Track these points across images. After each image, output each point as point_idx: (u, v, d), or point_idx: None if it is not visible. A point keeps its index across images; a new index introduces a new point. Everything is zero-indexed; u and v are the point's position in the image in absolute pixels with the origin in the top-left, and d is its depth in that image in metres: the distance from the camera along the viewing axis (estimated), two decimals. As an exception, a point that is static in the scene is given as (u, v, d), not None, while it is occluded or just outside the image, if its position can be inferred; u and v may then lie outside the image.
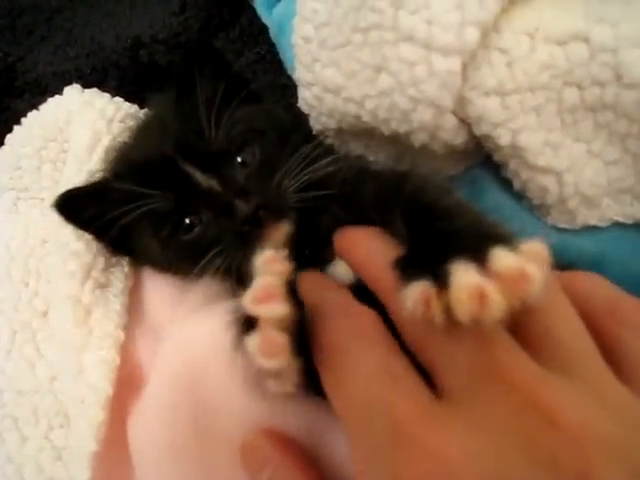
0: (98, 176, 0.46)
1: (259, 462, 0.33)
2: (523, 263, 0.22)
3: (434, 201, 0.32)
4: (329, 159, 0.39)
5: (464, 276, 0.22)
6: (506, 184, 0.46)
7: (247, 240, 0.37)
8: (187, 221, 0.40)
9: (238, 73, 0.47)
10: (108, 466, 0.40)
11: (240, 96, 0.42)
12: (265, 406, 0.36)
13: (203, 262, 0.38)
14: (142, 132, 0.46)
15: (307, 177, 0.38)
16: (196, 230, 0.40)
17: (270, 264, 0.27)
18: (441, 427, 0.22)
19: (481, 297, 0.21)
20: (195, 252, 0.39)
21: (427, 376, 0.26)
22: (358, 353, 0.27)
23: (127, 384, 0.42)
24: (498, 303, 0.22)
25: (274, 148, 0.42)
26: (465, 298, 0.22)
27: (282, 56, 0.60)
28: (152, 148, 0.41)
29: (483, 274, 0.22)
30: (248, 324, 0.27)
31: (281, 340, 0.26)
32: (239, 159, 0.41)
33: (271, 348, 0.25)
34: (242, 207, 0.37)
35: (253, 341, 0.26)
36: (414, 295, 0.23)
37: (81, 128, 0.49)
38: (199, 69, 0.44)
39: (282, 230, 0.38)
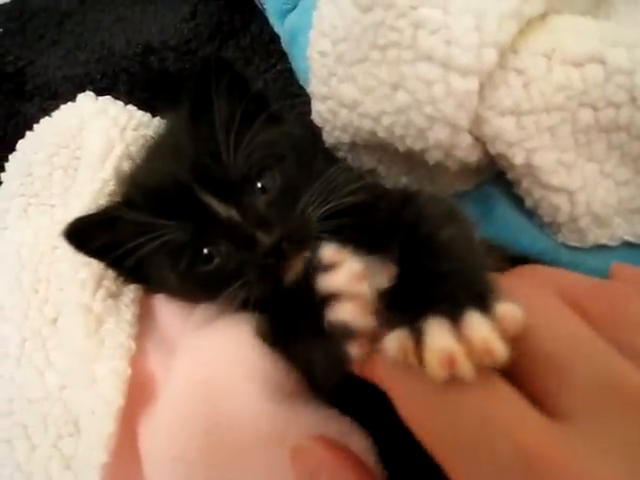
0: (109, 201, 0.45)
1: (313, 467, 0.32)
2: (491, 338, 0.23)
3: (428, 235, 0.31)
4: (352, 187, 0.38)
5: (436, 339, 0.24)
6: (517, 201, 0.46)
7: (269, 272, 0.35)
8: (205, 252, 0.38)
9: (259, 92, 0.45)
10: (118, 477, 0.40)
11: (261, 118, 0.40)
12: (279, 414, 0.36)
13: (225, 294, 0.37)
14: (154, 154, 0.44)
15: (331, 205, 0.37)
16: (215, 261, 0.38)
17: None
18: (575, 454, 0.21)
19: (450, 360, 0.23)
20: (215, 284, 0.37)
21: None
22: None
23: (138, 395, 0.42)
24: (466, 367, 0.23)
25: (295, 173, 0.40)
26: (435, 362, 0.23)
27: (294, 65, 0.60)
28: (166, 174, 0.39)
29: (456, 334, 0.24)
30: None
31: (370, 300, 0.27)
32: (259, 184, 0.38)
33: (366, 307, 0.26)
34: (264, 239, 0.35)
35: (344, 308, 0.26)
36: (394, 344, 0.24)
37: (94, 136, 0.49)
38: (216, 87, 0.41)
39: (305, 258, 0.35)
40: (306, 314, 0.29)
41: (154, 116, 0.55)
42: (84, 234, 0.42)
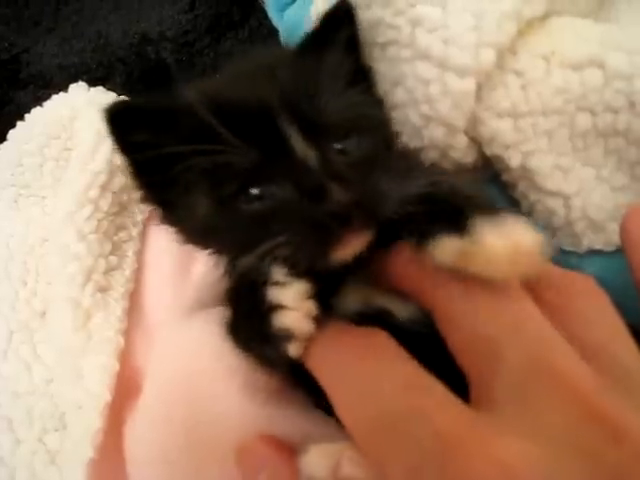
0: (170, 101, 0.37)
1: (255, 466, 0.33)
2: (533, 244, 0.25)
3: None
4: (435, 176, 0.33)
5: (494, 238, 0.25)
6: (512, 202, 0.46)
7: (322, 238, 0.29)
8: (256, 192, 0.32)
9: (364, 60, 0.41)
10: (102, 473, 0.40)
11: (366, 81, 0.38)
12: (263, 414, 0.36)
13: (261, 249, 0.30)
14: (242, 73, 0.37)
15: (414, 190, 0.31)
16: (265, 203, 0.32)
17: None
18: (491, 434, 0.22)
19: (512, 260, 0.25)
20: (253, 231, 0.32)
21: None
22: (377, 368, 0.26)
23: (125, 390, 0.42)
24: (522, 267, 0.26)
25: (379, 148, 0.35)
26: (504, 257, 0.25)
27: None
28: (251, 91, 0.33)
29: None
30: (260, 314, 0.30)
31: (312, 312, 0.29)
32: (340, 146, 0.33)
33: (307, 316, 0.29)
34: (338, 195, 0.29)
35: (287, 316, 0.29)
36: (445, 250, 0.26)
37: (85, 127, 0.49)
38: (338, 31, 0.37)
39: (363, 241, 0.30)
40: (255, 314, 0.30)
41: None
42: (129, 120, 0.35)
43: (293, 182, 0.31)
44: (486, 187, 0.44)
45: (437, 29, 0.36)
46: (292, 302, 0.29)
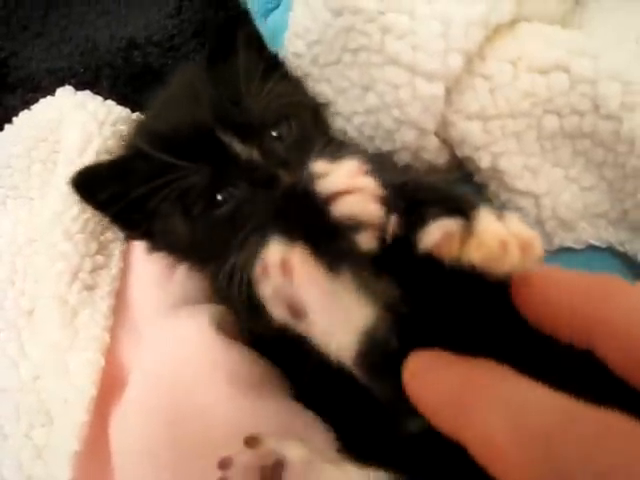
0: (120, 152, 0.45)
1: None
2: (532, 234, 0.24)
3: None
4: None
5: (491, 224, 0.24)
6: (486, 202, 0.47)
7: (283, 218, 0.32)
8: (220, 197, 0.38)
9: (271, 52, 0.47)
10: (89, 466, 0.41)
11: (277, 73, 0.42)
12: (245, 406, 0.37)
13: (237, 240, 0.35)
14: (169, 101, 0.44)
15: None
16: (230, 205, 0.38)
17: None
18: None
19: (503, 246, 0.23)
20: (228, 229, 0.37)
21: None
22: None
23: (111, 385, 0.43)
24: (516, 255, 0.23)
25: (309, 126, 0.42)
26: (492, 243, 0.23)
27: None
28: (184, 116, 0.39)
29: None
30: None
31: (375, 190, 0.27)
32: (274, 133, 0.39)
33: (371, 198, 0.27)
34: (286, 178, 0.35)
35: (347, 201, 0.26)
36: (439, 231, 0.24)
37: (72, 130, 0.50)
38: (239, 36, 0.43)
39: None
40: (312, 220, 0.28)
41: (135, 111, 0.55)
42: (93, 183, 0.42)
43: (246, 180, 0.37)
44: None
45: (406, 36, 0.37)
46: (344, 183, 0.27)
